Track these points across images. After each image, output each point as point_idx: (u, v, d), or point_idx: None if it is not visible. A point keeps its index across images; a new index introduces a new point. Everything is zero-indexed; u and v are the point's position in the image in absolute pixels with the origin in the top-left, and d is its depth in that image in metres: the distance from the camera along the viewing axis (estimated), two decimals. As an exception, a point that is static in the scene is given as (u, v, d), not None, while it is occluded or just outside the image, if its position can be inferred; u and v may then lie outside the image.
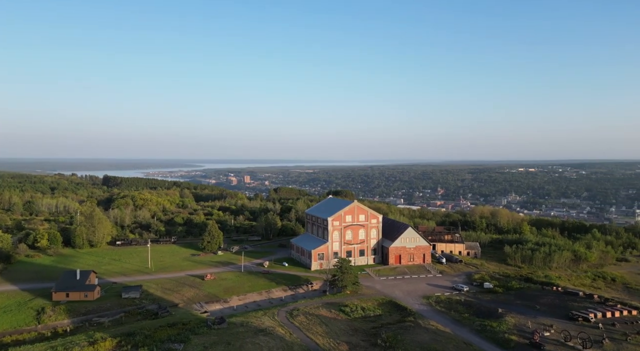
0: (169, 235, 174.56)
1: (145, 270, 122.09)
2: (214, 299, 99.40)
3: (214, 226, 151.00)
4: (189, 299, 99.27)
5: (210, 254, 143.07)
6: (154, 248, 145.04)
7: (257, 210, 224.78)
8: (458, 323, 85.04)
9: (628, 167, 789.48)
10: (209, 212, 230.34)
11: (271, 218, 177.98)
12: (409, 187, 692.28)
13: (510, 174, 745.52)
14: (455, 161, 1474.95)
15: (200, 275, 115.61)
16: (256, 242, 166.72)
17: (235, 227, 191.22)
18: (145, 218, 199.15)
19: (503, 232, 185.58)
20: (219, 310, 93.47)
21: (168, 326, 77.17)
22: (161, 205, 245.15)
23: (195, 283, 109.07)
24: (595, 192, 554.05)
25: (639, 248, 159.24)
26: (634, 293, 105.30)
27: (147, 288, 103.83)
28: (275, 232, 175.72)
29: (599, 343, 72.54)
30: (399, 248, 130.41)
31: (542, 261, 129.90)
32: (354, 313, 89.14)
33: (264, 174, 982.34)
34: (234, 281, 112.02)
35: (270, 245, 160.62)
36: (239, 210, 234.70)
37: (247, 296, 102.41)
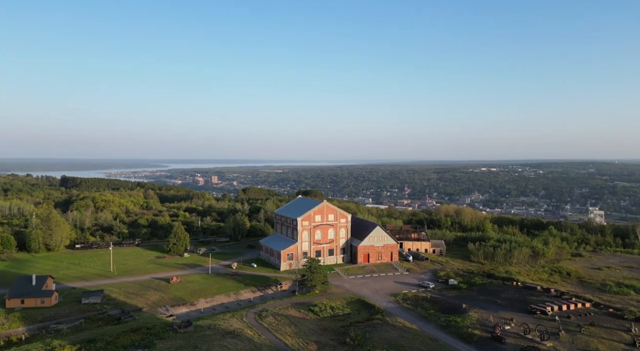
0: (132, 237, 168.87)
1: (107, 274, 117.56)
2: (180, 302, 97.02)
3: (180, 227, 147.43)
4: (153, 303, 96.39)
5: (176, 256, 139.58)
6: (116, 251, 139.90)
7: (225, 211, 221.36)
8: (424, 319, 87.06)
9: (581, 167, 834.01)
10: (174, 213, 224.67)
11: (239, 219, 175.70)
12: (377, 187, 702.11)
13: (474, 174, 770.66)
14: (422, 161, 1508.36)
15: (166, 277, 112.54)
16: (224, 243, 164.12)
17: (202, 229, 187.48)
18: (107, 220, 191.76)
19: (467, 229, 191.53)
20: (186, 313, 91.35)
21: (131, 331, 74.60)
22: (124, 207, 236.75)
23: (161, 287, 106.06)
24: (551, 190, 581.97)
25: (591, 243, 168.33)
26: (587, 287, 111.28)
27: (109, 292, 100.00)
28: (243, 232, 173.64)
29: (556, 334, 76.22)
30: (368, 247, 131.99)
31: (503, 257, 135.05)
32: (323, 313, 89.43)
33: (232, 174, 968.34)
34: (201, 283, 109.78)
35: (239, 246, 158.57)
36: (206, 211, 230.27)
37: (215, 298, 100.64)
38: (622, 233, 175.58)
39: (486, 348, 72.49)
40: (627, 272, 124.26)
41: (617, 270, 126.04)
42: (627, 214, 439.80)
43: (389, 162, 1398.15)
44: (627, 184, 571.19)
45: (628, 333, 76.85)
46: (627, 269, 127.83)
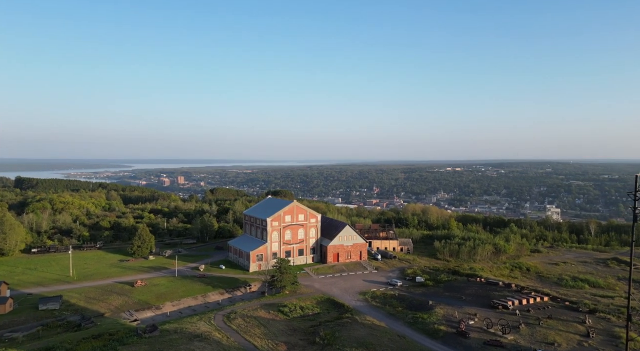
0: (93, 240, 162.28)
1: (67, 278, 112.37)
2: (145, 306, 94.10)
3: (145, 229, 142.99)
4: (116, 308, 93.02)
5: (141, 259, 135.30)
6: (76, 255, 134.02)
7: (192, 212, 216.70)
8: (392, 316, 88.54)
9: (539, 167, 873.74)
10: (139, 214, 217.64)
11: (207, 220, 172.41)
12: (346, 186, 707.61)
13: (439, 173, 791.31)
14: (390, 161, 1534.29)
15: (130, 281, 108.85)
16: (191, 245, 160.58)
17: (168, 230, 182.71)
18: (66, 223, 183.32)
19: (433, 228, 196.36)
20: (151, 318, 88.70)
21: (92, 337, 71.57)
22: (85, 209, 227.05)
23: (124, 291, 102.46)
24: (512, 189, 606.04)
25: (549, 240, 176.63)
26: (545, 281, 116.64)
27: (68, 298, 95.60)
28: (211, 234, 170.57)
29: (516, 328, 79.43)
30: (337, 247, 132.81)
31: (467, 254, 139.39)
32: (292, 313, 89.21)
33: (199, 175, 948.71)
34: (167, 286, 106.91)
35: (207, 248, 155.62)
36: (173, 212, 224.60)
37: (182, 301, 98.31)
38: (577, 230, 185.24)
39: (451, 343, 74.57)
40: (582, 267, 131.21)
41: (573, 265, 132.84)
42: (581, 211, 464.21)
43: (358, 162, 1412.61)
44: (581, 183, 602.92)
45: (582, 325, 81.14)
46: (581, 264, 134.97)
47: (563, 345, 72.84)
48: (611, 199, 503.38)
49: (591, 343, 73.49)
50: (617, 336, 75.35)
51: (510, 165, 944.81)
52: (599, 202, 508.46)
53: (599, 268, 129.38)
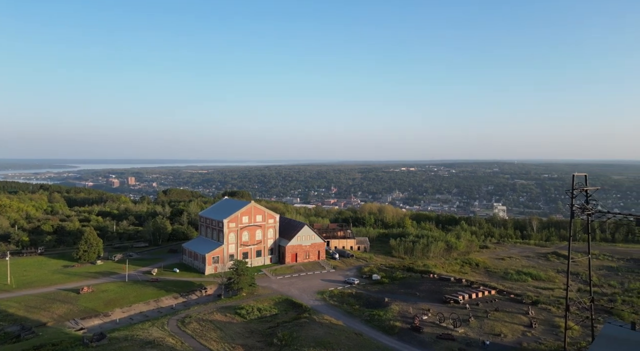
0: (34, 245, 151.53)
1: (4, 287, 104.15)
2: (92, 314, 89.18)
3: (92, 233, 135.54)
4: (60, 316, 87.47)
5: (88, 264, 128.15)
6: (15, 262, 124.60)
7: (144, 214, 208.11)
8: (349, 315, 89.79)
9: (487, 166, 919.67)
10: (85, 217, 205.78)
11: (160, 222, 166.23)
12: (304, 186, 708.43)
13: (394, 173, 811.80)
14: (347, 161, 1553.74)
15: (75, 288, 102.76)
16: (143, 249, 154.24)
17: (118, 234, 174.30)
18: (3, 227, 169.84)
19: (389, 226, 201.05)
20: (99, 326, 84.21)
21: (33, 349, 66.98)
22: (24, 212, 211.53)
23: (69, 298, 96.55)
24: (462, 188, 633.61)
25: (496, 236, 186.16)
26: (492, 276, 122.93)
27: (5, 307, 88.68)
28: (165, 237, 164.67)
29: (467, 321, 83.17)
30: (296, 247, 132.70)
31: (421, 251, 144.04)
32: (250, 315, 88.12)
33: (151, 175, 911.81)
34: (116, 292, 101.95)
35: (160, 251, 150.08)
36: (123, 214, 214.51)
37: (133, 307, 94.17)
38: (521, 226, 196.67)
39: (406, 338, 76.81)
40: (525, 261, 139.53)
41: (517, 260, 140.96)
42: (524, 209, 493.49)
43: (317, 162, 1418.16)
44: (524, 182, 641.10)
45: (526, 316, 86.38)
46: (525, 258, 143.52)
47: (508, 335, 77.15)
48: (551, 197, 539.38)
49: (534, 333, 78.39)
50: (556, 325, 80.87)
51: (461, 165, 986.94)
52: (540, 200, 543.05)
53: (540, 262, 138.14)
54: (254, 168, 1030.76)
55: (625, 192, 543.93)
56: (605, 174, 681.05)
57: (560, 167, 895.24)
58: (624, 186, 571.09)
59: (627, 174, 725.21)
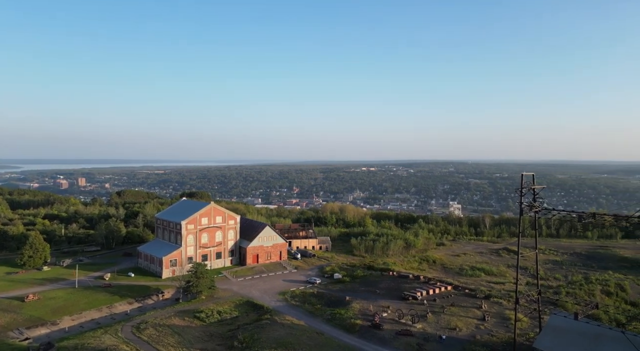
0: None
1: None
2: (38, 323, 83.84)
3: (38, 237, 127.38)
4: (2, 326, 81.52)
5: (34, 271, 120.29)
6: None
7: (96, 217, 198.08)
8: (311, 314, 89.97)
9: (443, 166, 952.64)
10: (30, 221, 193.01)
11: (113, 225, 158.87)
12: (266, 187, 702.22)
13: (355, 173, 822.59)
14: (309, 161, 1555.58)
15: (19, 296, 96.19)
16: (95, 253, 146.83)
17: (67, 238, 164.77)
18: None
19: (350, 225, 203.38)
20: (46, 335, 79.34)
21: (-29, 365, 62.04)
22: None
23: (12, 307, 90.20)
24: (420, 187, 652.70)
25: (452, 233, 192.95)
26: (449, 272, 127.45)
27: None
28: (118, 240, 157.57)
29: (424, 317, 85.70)
30: (257, 248, 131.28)
31: (381, 250, 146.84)
32: (209, 318, 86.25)
33: (103, 176, 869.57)
34: (65, 299, 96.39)
35: (113, 255, 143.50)
36: (72, 217, 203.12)
37: (83, 314, 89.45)
38: (475, 224, 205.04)
39: (366, 335, 78.02)
40: (479, 257, 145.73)
41: (472, 256, 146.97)
42: (478, 207, 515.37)
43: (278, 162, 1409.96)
44: (478, 181, 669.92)
45: (479, 310, 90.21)
46: (478, 254, 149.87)
47: (463, 329, 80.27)
48: (502, 195, 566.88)
49: (486, 325, 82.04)
50: (507, 318, 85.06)
51: (419, 165, 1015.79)
52: (493, 198, 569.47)
53: (492, 258, 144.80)
54: (214, 169, 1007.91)
55: (568, 190, 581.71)
56: (551, 173, 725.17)
57: (510, 166, 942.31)
58: (567, 184, 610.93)
59: (570, 173, 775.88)
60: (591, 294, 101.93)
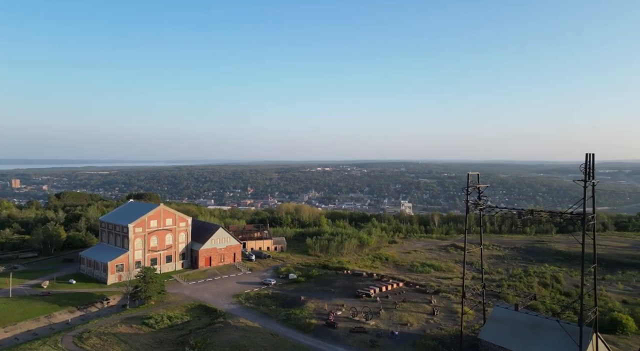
0: None
1: None
2: (-36, 339, 76.60)
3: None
4: None
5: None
6: None
7: (32, 221, 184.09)
8: (266, 316, 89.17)
9: (395, 166, 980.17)
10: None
11: (52, 229, 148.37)
12: (219, 188, 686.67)
13: (311, 173, 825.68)
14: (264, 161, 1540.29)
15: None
16: (31, 260, 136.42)
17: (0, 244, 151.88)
18: None
19: (305, 225, 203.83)
20: (-26, 352, 72.64)
21: None
22: None
23: None
24: (373, 187, 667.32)
25: (403, 231, 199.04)
26: (400, 269, 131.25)
27: None
28: (58, 245, 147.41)
29: (377, 314, 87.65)
30: (210, 250, 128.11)
31: (336, 249, 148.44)
32: (159, 324, 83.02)
33: (40, 177, 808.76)
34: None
35: (52, 262, 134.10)
36: (5, 222, 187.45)
37: (19, 325, 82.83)
38: (425, 221, 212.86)
39: (321, 334, 78.55)
40: (428, 254, 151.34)
41: (422, 253, 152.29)
42: (427, 205, 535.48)
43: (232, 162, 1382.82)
44: (427, 180, 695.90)
45: (429, 305, 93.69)
46: (428, 251, 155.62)
47: (414, 324, 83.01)
48: (450, 194, 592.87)
49: (436, 319, 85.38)
50: (455, 311, 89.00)
51: (372, 165, 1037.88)
52: (441, 197, 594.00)
53: (441, 254, 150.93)
54: (163, 169, 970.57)
55: (509, 188, 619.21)
56: (494, 173, 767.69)
57: (457, 166, 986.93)
58: (509, 183, 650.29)
59: (511, 173, 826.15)
60: (530, 286, 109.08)
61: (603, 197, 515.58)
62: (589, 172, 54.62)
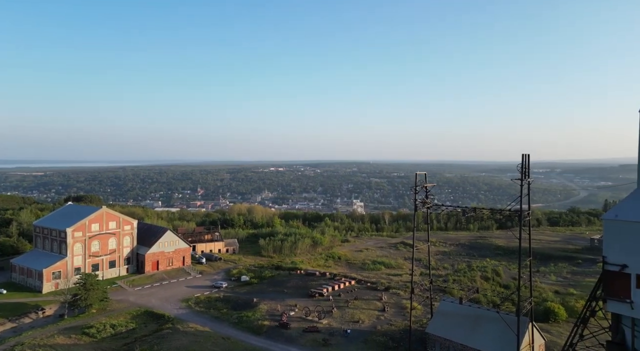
0: None
1: None
2: None
3: None
4: None
5: None
6: None
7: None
8: (217, 319, 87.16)
9: (347, 166, 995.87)
10: None
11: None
12: (167, 189, 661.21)
13: (264, 173, 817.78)
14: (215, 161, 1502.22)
15: None
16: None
17: None
18: None
19: (258, 226, 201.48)
20: None
21: None
22: None
23: None
24: (326, 187, 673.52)
25: (355, 230, 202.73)
26: (353, 267, 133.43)
27: None
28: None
29: (330, 312, 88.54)
30: (157, 254, 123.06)
31: (289, 249, 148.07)
32: (101, 333, 78.62)
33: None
34: None
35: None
36: None
37: (-63, 344, 74.95)
38: (376, 220, 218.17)
39: (274, 336, 78.07)
40: (379, 251, 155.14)
41: (373, 251, 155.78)
42: (378, 204, 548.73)
43: (181, 163, 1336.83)
44: (378, 180, 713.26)
45: (380, 301, 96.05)
46: (379, 249, 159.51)
47: (366, 321, 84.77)
48: (399, 193, 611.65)
49: (386, 316, 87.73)
50: (404, 307, 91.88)
51: (325, 165, 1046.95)
52: (391, 196, 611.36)
53: (391, 252, 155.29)
54: (106, 170, 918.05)
55: (454, 187, 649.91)
56: (440, 172, 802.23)
57: (405, 166, 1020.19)
58: (454, 182, 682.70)
59: (455, 172, 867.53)
60: (473, 280, 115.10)
61: (537, 194, 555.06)
62: (524, 171, 58.44)
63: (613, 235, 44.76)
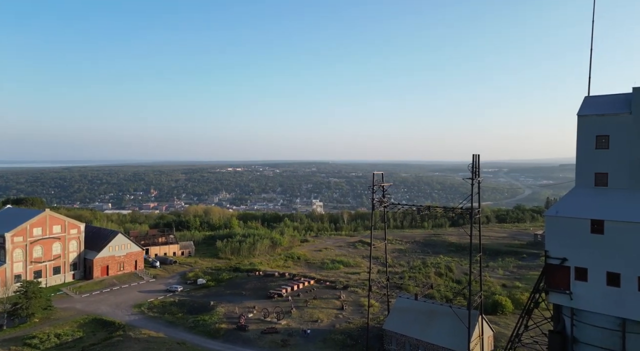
0: None
1: None
2: None
3: None
4: None
5: None
6: None
7: None
8: (172, 324, 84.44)
9: (307, 166, 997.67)
10: None
11: None
12: (118, 190, 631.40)
13: (221, 174, 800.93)
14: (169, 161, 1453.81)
15: None
16: None
17: None
18: None
19: (215, 228, 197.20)
20: None
21: None
22: None
23: None
24: (285, 187, 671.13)
25: (315, 230, 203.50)
26: (312, 267, 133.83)
27: None
28: None
29: (289, 313, 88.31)
30: (107, 258, 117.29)
31: (247, 250, 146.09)
32: (44, 344, 73.83)
33: None
34: None
35: None
36: None
37: None
38: (335, 219, 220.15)
39: (232, 339, 76.77)
40: (338, 250, 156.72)
41: (332, 250, 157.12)
42: (337, 204, 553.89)
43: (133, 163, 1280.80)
44: (337, 180, 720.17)
45: (338, 300, 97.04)
46: (338, 248, 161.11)
47: (325, 320, 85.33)
48: (358, 192, 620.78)
49: (344, 314, 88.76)
50: (362, 305, 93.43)
51: (284, 165, 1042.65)
52: (350, 195, 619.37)
53: (350, 250, 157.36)
54: (49, 170, 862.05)
55: (410, 186, 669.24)
56: (396, 172, 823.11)
57: (363, 166, 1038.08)
58: (409, 182, 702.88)
59: (411, 172, 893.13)
60: (427, 276, 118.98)
61: (486, 193, 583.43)
62: (475, 171, 61.20)
63: (554, 231, 47.64)
